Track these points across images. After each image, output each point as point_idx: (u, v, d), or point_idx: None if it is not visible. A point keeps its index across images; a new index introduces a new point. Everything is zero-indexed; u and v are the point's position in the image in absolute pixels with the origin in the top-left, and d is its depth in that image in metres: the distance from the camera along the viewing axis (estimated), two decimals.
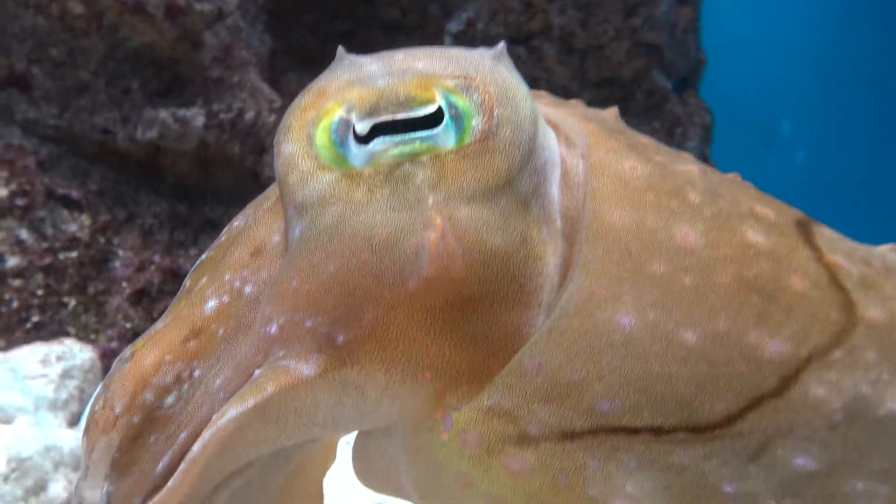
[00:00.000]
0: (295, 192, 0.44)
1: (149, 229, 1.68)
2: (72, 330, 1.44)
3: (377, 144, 0.43)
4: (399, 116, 0.43)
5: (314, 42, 1.98)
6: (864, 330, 0.42)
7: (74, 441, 0.99)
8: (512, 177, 0.43)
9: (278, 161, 0.45)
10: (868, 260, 0.46)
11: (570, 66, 1.92)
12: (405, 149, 0.43)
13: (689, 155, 0.50)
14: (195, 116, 1.67)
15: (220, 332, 0.46)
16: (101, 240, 1.58)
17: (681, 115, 2.01)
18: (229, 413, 0.42)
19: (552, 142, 0.47)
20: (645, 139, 0.49)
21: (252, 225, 0.49)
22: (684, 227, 0.43)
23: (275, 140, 0.46)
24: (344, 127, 0.44)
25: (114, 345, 1.51)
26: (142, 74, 1.67)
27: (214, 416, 0.43)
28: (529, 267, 0.43)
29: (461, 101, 0.44)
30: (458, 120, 0.43)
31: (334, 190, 0.43)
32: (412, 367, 0.43)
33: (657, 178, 0.45)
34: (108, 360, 1.34)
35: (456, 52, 0.46)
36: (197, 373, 0.46)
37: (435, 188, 0.42)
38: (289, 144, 0.45)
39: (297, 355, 0.43)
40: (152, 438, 0.45)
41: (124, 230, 1.63)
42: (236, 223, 0.51)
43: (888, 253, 0.48)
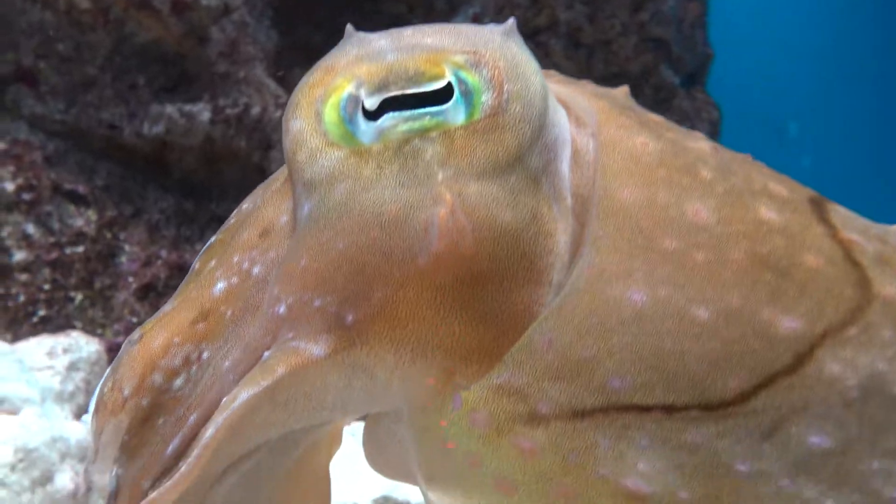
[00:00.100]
0: (303, 169, 0.44)
1: (155, 225, 1.68)
2: (78, 324, 1.44)
3: (386, 120, 0.43)
4: (409, 91, 0.43)
5: (320, 37, 1.98)
6: (880, 307, 0.42)
7: (81, 433, 0.99)
8: (522, 153, 0.43)
9: (287, 139, 0.45)
10: (884, 238, 0.45)
11: (578, 61, 1.91)
12: (414, 124, 0.42)
13: (700, 133, 0.49)
14: (201, 111, 1.67)
15: (229, 313, 0.46)
16: (108, 235, 1.58)
17: (688, 111, 2.01)
18: (241, 396, 0.42)
19: (563, 119, 0.46)
20: (656, 117, 0.49)
21: (260, 206, 0.49)
22: (696, 203, 0.43)
23: (283, 118, 0.46)
24: (353, 103, 0.43)
25: (120, 339, 1.51)
26: (148, 70, 1.67)
27: (225, 398, 0.43)
28: (540, 244, 0.42)
29: (471, 77, 0.43)
30: (468, 96, 0.43)
31: (343, 167, 0.43)
32: (421, 346, 0.43)
33: (669, 154, 0.45)
34: (114, 354, 1.34)
35: (465, 28, 0.46)
36: (205, 355, 0.46)
37: (444, 164, 0.42)
38: (297, 121, 0.44)
39: (306, 336, 0.43)
40: (161, 421, 0.45)
41: (131, 225, 1.64)
42: (245, 206, 0.51)
43: None
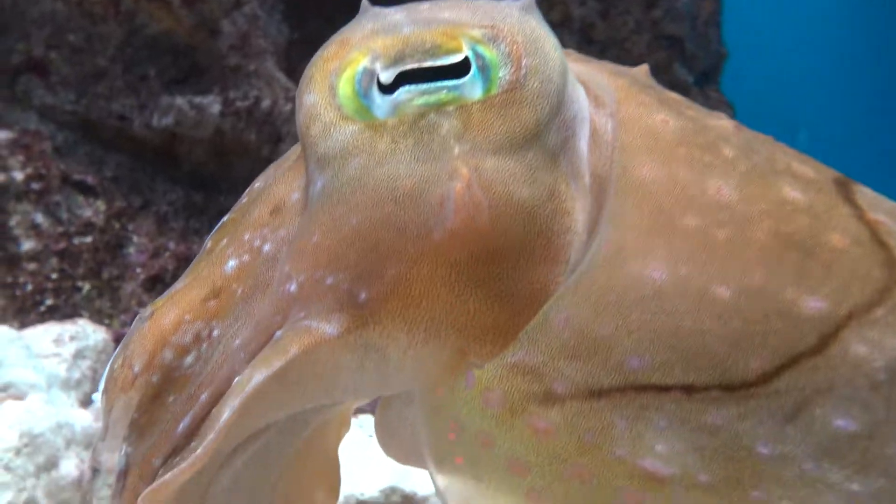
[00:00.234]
0: (317, 143, 0.43)
1: (164, 217, 1.68)
2: (85, 314, 1.44)
3: (402, 94, 0.42)
4: (425, 64, 0.42)
5: (331, 32, 1.98)
6: None
7: (87, 420, 0.98)
8: (540, 129, 0.42)
9: (300, 113, 0.44)
10: None
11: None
12: (431, 98, 0.42)
13: (721, 113, 0.48)
14: (211, 104, 1.66)
15: (240, 291, 0.45)
16: (116, 225, 1.58)
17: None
18: (256, 377, 0.41)
19: (581, 96, 0.45)
20: (676, 95, 0.48)
21: (272, 184, 0.48)
22: (718, 181, 0.42)
23: (296, 92, 0.46)
24: (368, 77, 0.43)
25: (127, 330, 1.51)
26: (159, 61, 1.67)
27: (238, 378, 0.42)
28: (557, 222, 0.41)
29: (488, 52, 0.42)
30: (485, 71, 0.42)
31: (357, 141, 0.42)
32: (435, 325, 0.42)
33: (689, 132, 0.44)
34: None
35: (483, 3, 0.45)
36: (216, 332, 0.45)
37: (461, 139, 0.41)
38: (311, 95, 0.44)
39: (318, 315, 0.42)
40: (171, 398, 0.44)
41: (139, 217, 1.63)
42: (257, 184, 0.50)
43: None
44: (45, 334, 1.11)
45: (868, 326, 0.40)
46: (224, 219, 0.50)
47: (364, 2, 0.48)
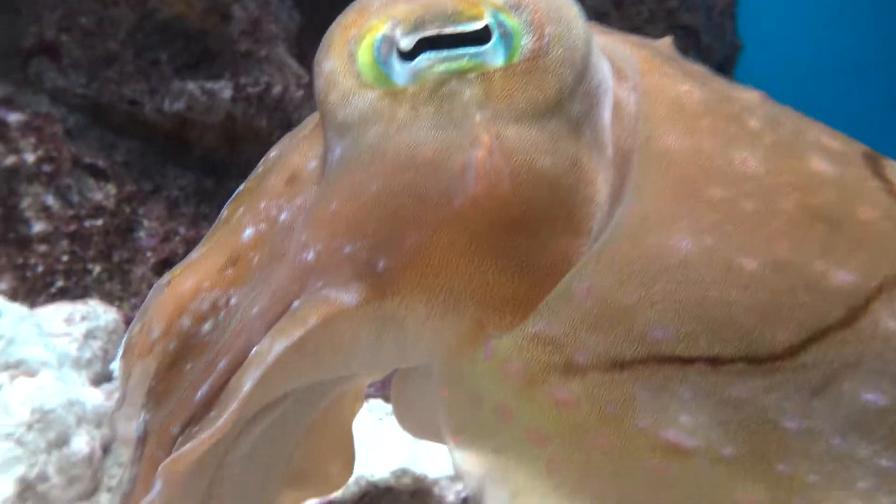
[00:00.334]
0: (336, 111, 0.43)
1: (174, 201, 1.68)
2: (96, 296, 1.44)
3: (422, 61, 0.41)
4: (446, 31, 0.41)
5: None
6: None
7: (97, 399, 0.98)
8: (563, 98, 0.41)
9: (319, 80, 0.44)
10: None
11: None
12: (452, 65, 0.41)
13: (746, 87, 0.48)
14: (223, 89, 1.66)
15: (256, 259, 0.45)
16: (127, 209, 1.58)
17: None
18: (276, 348, 0.41)
19: (605, 67, 0.45)
20: (699, 67, 0.47)
21: (288, 153, 0.48)
22: (744, 152, 0.41)
23: (315, 60, 0.45)
24: (387, 45, 0.42)
25: (134, 314, 1.51)
26: (170, 46, 1.67)
27: (256, 348, 0.42)
28: (579, 192, 0.41)
29: (510, 20, 0.42)
30: (507, 38, 0.42)
31: (377, 108, 0.42)
32: (454, 296, 0.41)
33: (714, 102, 0.43)
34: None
35: None
36: (233, 301, 0.45)
37: (482, 106, 0.41)
38: (329, 62, 0.43)
39: (337, 284, 0.42)
40: (189, 366, 0.44)
41: (150, 201, 1.63)
42: (273, 153, 0.50)
43: None
44: (56, 314, 1.11)
45: None
46: (240, 188, 0.49)
47: None
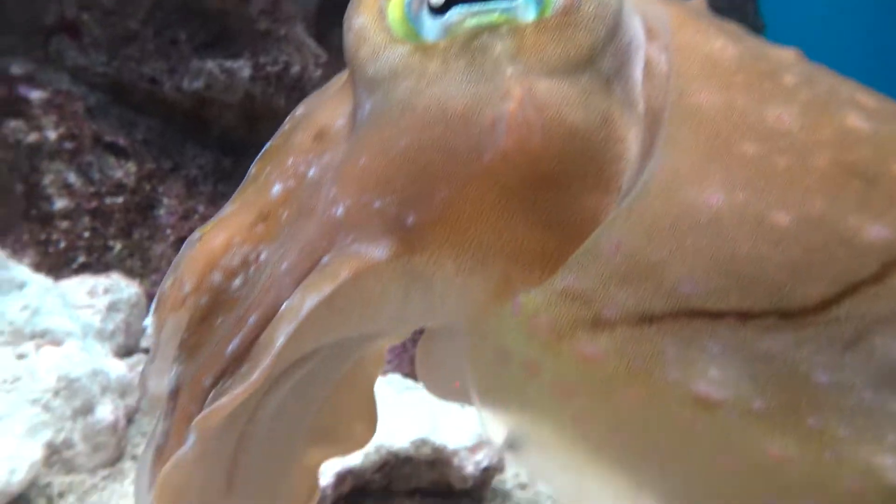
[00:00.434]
0: (366, 66, 0.43)
1: (193, 180, 1.69)
2: (117, 273, 1.45)
3: (453, 15, 0.41)
4: None
5: None
6: None
7: (121, 369, 0.99)
8: (595, 53, 0.41)
9: (348, 36, 0.44)
10: None
11: None
12: (483, 19, 0.41)
13: (780, 45, 0.47)
14: (242, 68, 1.66)
15: (285, 215, 0.45)
16: (147, 187, 1.59)
17: None
18: (307, 303, 0.41)
19: (637, 23, 0.44)
20: (733, 26, 0.47)
21: (315, 110, 0.48)
22: (778, 108, 0.41)
23: (344, 17, 0.45)
24: (417, 1, 0.42)
25: (157, 289, 1.53)
26: (189, 25, 1.67)
27: (289, 303, 0.42)
28: (610, 149, 0.41)
29: None
30: None
31: (408, 63, 0.42)
32: (483, 252, 0.41)
33: (749, 59, 0.43)
34: (149, 305, 1.35)
35: None
36: (263, 256, 0.45)
37: (514, 60, 0.41)
38: (360, 18, 0.43)
39: (366, 239, 0.42)
40: (219, 320, 0.44)
41: (169, 179, 1.64)
42: (299, 111, 0.50)
43: None
44: (79, 286, 1.12)
45: None
46: (266, 145, 0.49)
47: None
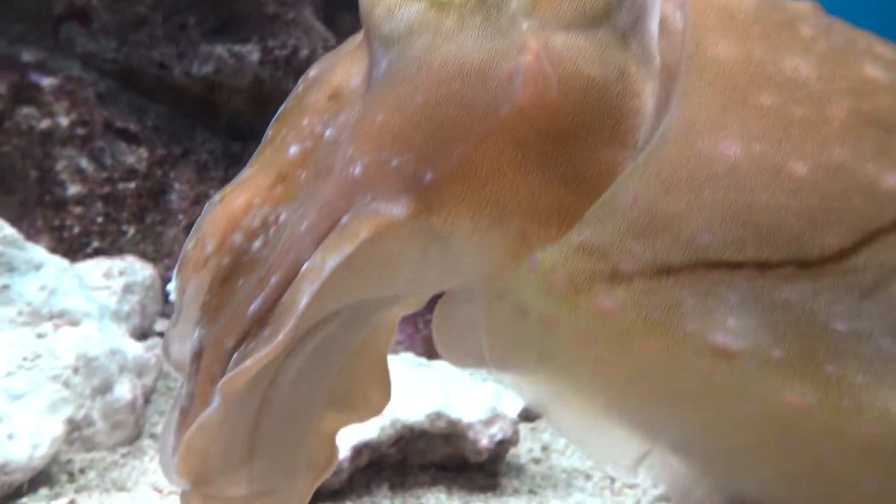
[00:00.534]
0: (381, 24, 0.43)
1: (203, 165, 1.70)
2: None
3: None
4: None
5: None
6: None
7: (138, 350, 1.00)
8: (610, 7, 0.41)
9: None
10: None
11: None
12: None
13: None
14: (250, 52, 1.67)
15: (303, 176, 0.46)
16: (158, 172, 1.59)
17: None
18: (329, 263, 0.42)
19: None
20: None
21: (328, 71, 0.48)
22: (795, 59, 0.41)
23: None
24: None
25: (170, 274, 1.54)
26: (198, 10, 1.67)
27: (310, 264, 0.42)
28: (626, 103, 0.41)
29: None
30: None
31: (423, 19, 0.42)
32: (500, 209, 0.42)
33: (765, 10, 0.43)
34: (163, 288, 1.36)
35: None
36: (283, 217, 0.45)
37: (530, 15, 0.41)
38: None
39: (385, 197, 0.42)
40: (240, 282, 0.45)
41: (180, 164, 1.65)
42: (312, 73, 0.50)
43: None
44: (95, 268, 1.13)
45: None
46: (281, 108, 0.50)
47: None
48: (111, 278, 1.09)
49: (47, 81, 1.50)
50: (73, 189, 1.47)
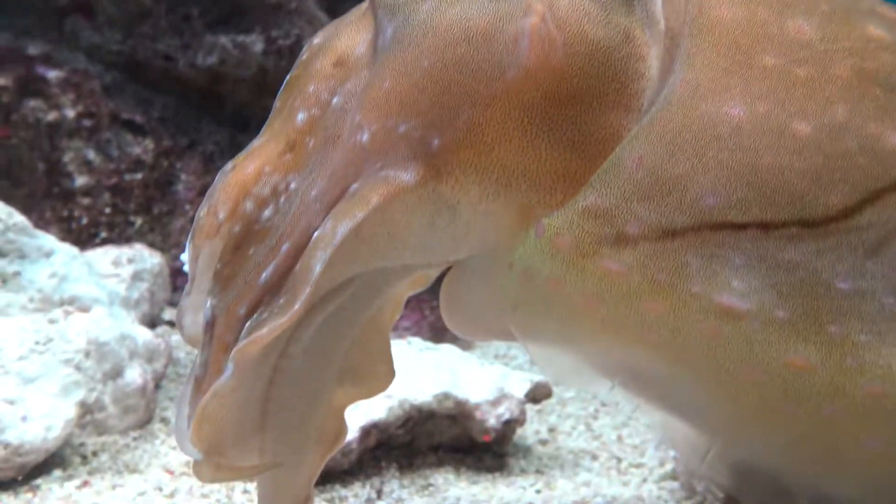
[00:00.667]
0: None
1: (209, 156, 1.70)
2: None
3: None
4: None
5: None
6: None
7: (147, 336, 1.01)
8: None
9: None
10: None
11: None
12: None
13: None
14: (254, 42, 1.67)
15: (311, 143, 0.46)
16: (165, 164, 1.60)
17: None
18: (340, 229, 0.42)
19: None
20: None
21: (332, 38, 0.49)
22: (798, 19, 0.41)
23: None
24: None
25: (177, 263, 1.54)
26: (202, 1, 1.68)
27: (321, 231, 0.43)
28: (631, 67, 0.41)
29: None
30: None
31: None
32: (507, 175, 0.42)
33: None
34: (173, 276, 1.37)
35: None
36: (293, 185, 0.46)
37: None
38: None
39: (394, 164, 0.42)
40: (252, 250, 0.45)
41: (186, 156, 1.66)
42: (316, 41, 0.51)
43: None
44: (104, 256, 1.14)
45: None
46: (287, 77, 0.50)
47: None
48: (120, 266, 1.09)
49: (53, 74, 1.51)
50: (81, 180, 1.48)
